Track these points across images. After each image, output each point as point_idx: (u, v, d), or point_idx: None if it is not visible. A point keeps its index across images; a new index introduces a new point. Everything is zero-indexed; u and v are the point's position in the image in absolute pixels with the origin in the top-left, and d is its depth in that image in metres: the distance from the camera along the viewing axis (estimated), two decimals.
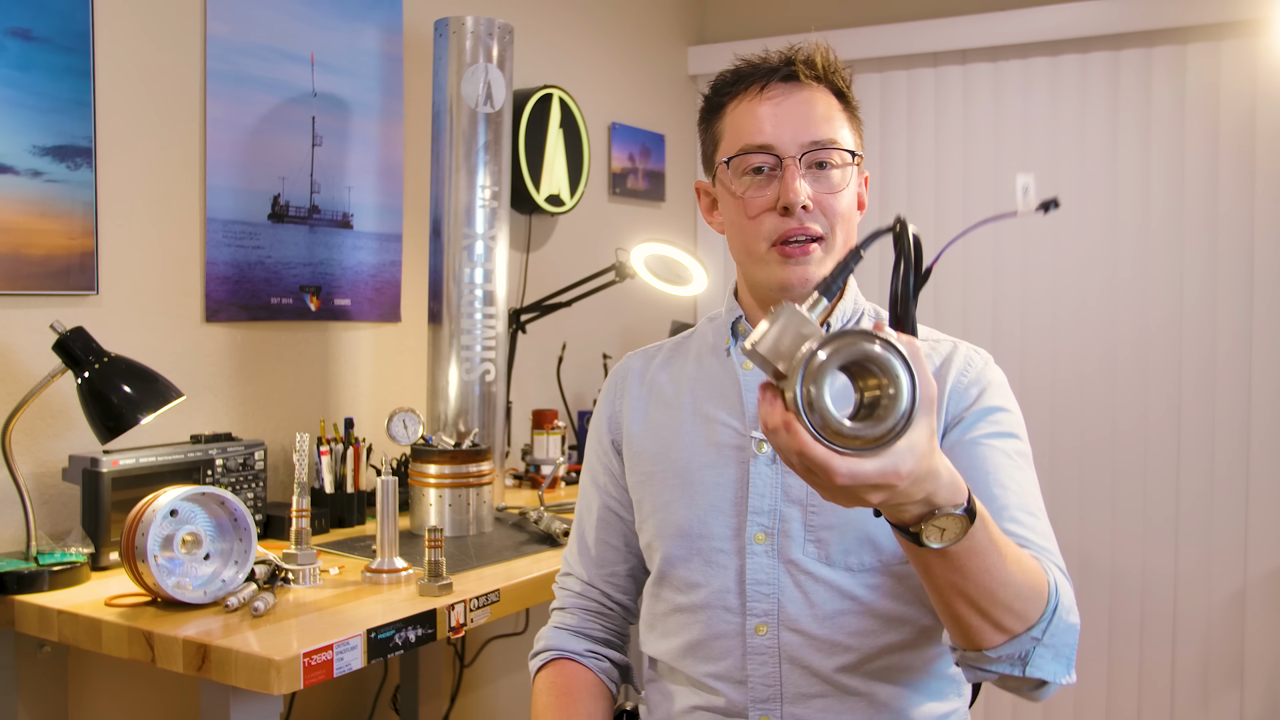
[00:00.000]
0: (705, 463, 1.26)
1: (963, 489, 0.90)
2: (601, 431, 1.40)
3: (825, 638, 1.19)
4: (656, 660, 1.33)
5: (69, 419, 1.80)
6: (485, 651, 2.66)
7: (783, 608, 1.20)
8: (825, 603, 1.19)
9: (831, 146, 1.20)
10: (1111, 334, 3.00)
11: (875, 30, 3.22)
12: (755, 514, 1.21)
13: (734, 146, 1.23)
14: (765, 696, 1.20)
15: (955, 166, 3.19)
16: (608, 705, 1.35)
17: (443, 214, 2.20)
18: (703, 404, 1.29)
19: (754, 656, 1.21)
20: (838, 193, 1.21)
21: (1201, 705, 2.93)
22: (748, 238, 1.23)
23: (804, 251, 1.19)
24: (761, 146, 1.20)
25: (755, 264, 1.24)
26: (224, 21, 2.04)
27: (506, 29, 2.22)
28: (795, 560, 1.20)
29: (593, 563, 1.41)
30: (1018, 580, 0.97)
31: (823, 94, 1.23)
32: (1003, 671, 1.01)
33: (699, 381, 1.31)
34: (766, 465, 1.22)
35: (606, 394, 1.41)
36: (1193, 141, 2.90)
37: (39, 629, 1.54)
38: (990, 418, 1.19)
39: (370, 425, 2.33)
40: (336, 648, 1.39)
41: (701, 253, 3.48)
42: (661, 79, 3.41)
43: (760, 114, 1.21)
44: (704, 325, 1.38)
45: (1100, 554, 3.01)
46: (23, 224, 1.75)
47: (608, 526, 1.39)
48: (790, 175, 1.18)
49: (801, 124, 1.20)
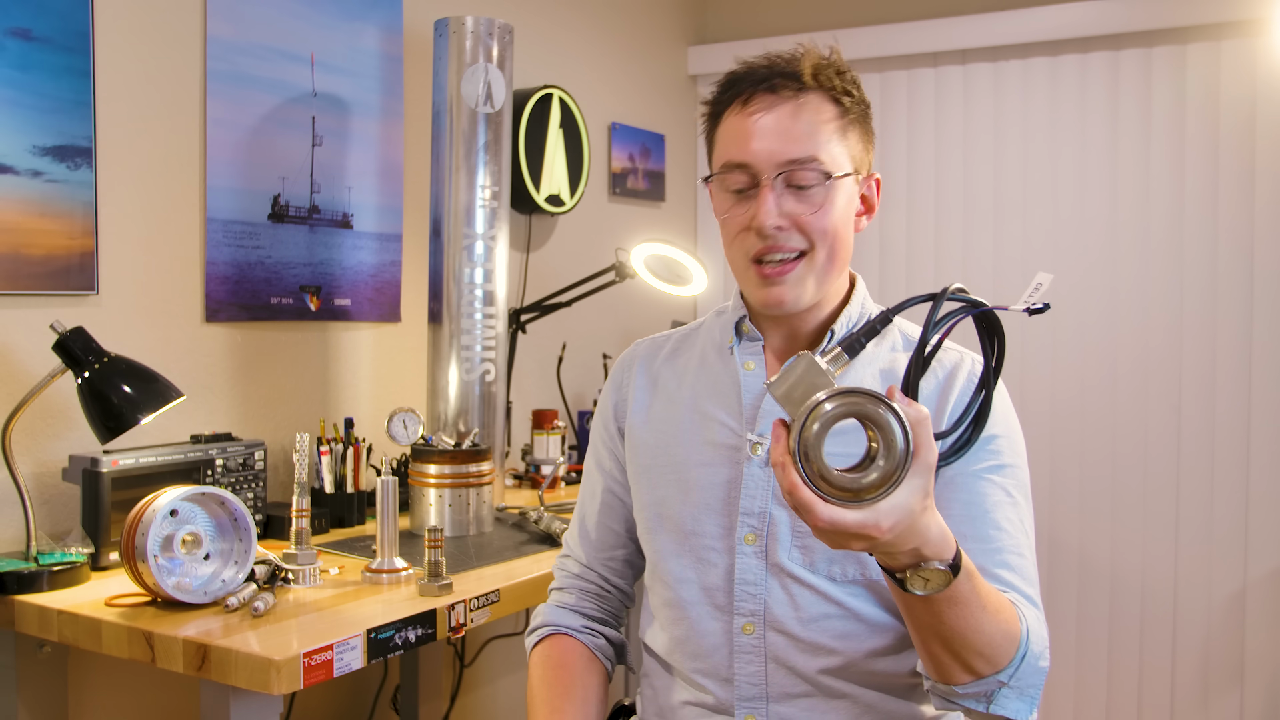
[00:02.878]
0: (701, 460, 1.26)
1: (951, 545, 0.96)
2: (607, 417, 1.40)
3: (810, 640, 1.20)
4: (652, 653, 1.34)
5: (69, 419, 1.80)
6: (485, 651, 2.66)
7: (769, 609, 1.21)
8: (809, 606, 1.20)
9: (809, 166, 1.17)
10: (1111, 334, 3.00)
11: (875, 30, 3.22)
12: (746, 515, 1.22)
13: (718, 162, 1.22)
14: (751, 695, 1.21)
15: (955, 167, 3.19)
16: (602, 680, 1.36)
17: (443, 214, 2.20)
18: (702, 401, 1.29)
19: (740, 655, 1.22)
20: (817, 211, 1.18)
21: (1201, 706, 2.93)
22: (732, 254, 1.23)
23: (780, 272, 1.18)
24: (740, 165, 1.18)
25: (740, 278, 1.25)
26: (224, 21, 2.04)
27: (506, 29, 2.22)
28: (781, 564, 1.21)
29: (592, 546, 1.41)
30: (991, 630, 1.02)
31: (811, 104, 1.18)
32: (968, 706, 1.07)
33: (701, 378, 1.31)
34: (760, 468, 1.22)
35: (613, 379, 1.41)
36: (1193, 141, 2.90)
37: (39, 629, 1.54)
38: (991, 446, 1.19)
39: (370, 425, 2.33)
40: (336, 648, 1.39)
41: (701, 253, 3.48)
42: (661, 79, 3.41)
43: (741, 129, 1.18)
44: (711, 319, 1.37)
45: (1100, 554, 3.01)
46: (23, 224, 1.74)
47: (609, 510, 1.39)
48: (763, 196, 1.17)
49: (780, 141, 1.16)
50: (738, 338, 1.29)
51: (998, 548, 1.15)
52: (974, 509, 1.16)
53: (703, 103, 1.28)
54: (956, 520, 1.16)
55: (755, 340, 1.28)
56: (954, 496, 1.17)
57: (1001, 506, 1.18)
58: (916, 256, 3.24)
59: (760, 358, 1.28)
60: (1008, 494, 1.19)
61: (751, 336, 1.28)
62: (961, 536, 1.15)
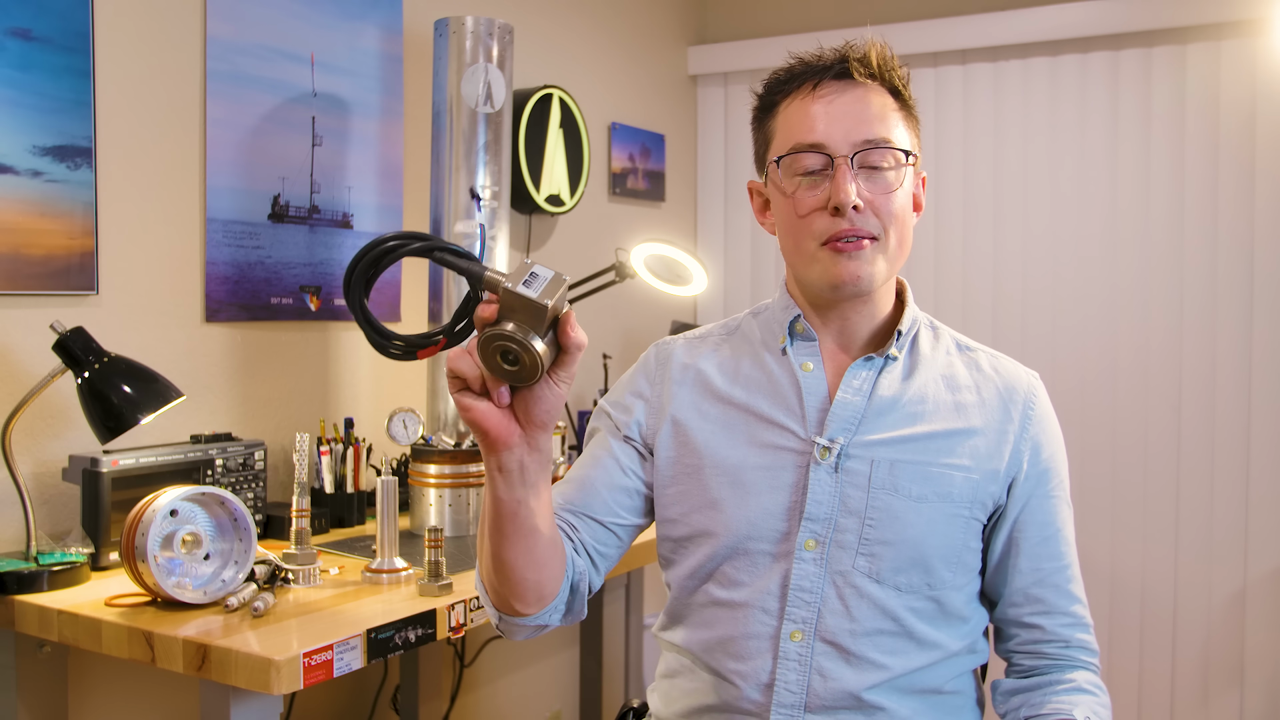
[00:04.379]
0: (760, 464, 1.23)
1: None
2: (629, 405, 1.31)
3: (859, 654, 1.19)
4: (682, 650, 1.29)
5: (69, 419, 1.80)
6: (485, 651, 2.66)
7: (822, 618, 1.19)
8: (865, 619, 1.19)
9: (885, 146, 1.19)
10: (1111, 334, 3.00)
11: (875, 30, 3.18)
12: (810, 520, 1.20)
13: (785, 145, 1.21)
14: (790, 703, 1.19)
15: (955, 166, 3.19)
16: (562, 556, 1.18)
17: (443, 214, 2.20)
18: (758, 403, 1.26)
19: (784, 662, 1.19)
20: (891, 193, 1.19)
21: (1201, 706, 2.93)
22: (799, 236, 1.21)
23: (857, 246, 1.18)
24: (813, 145, 1.18)
25: (805, 263, 1.22)
26: (224, 21, 2.04)
27: (506, 29, 2.22)
28: (844, 572, 1.19)
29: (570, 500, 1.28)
30: None
31: (877, 92, 1.21)
32: None
33: (754, 378, 1.28)
34: (828, 474, 1.21)
35: (645, 376, 1.34)
36: (1193, 141, 2.90)
37: (39, 629, 1.54)
38: (1052, 465, 1.29)
39: (370, 425, 2.34)
40: (336, 648, 1.39)
41: (701, 253, 3.48)
42: (661, 79, 3.41)
43: (812, 112, 1.19)
44: (748, 320, 1.35)
45: (1100, 555, 3.01)
46: (23, 224, 1.75)
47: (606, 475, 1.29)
48: (841, 175, 1.17)
49: (854, 122, 1.18)
50: (790, 338, 1.28)
51: (1068, 562, 1.28)
52: (1048, 529, 1.27)
53: (757, 94, 1.28)
54: (1033, 542, 1.26)
55: (810, 340, 1.27)
56: (1030, 520, 1.26)
57: (1068, 522, 1.29)
58: (916, 256, 3.24)
59: (817, 358, 1.26)
60: (1067, 505, 1.30)
61: (806, 336, 1.27)
62: (1038, 557, 1.25)
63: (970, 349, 1.32)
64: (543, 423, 1.00)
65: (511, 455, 1.01)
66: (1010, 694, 1.27)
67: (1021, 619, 1.27)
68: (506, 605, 1.15)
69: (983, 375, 1.28)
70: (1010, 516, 1.26)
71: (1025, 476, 1.25)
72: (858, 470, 1.21)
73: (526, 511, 1.06)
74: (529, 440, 1.01)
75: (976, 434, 1.24)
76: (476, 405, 0.97)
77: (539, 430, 1.00)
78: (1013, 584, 1.26)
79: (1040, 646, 1.26)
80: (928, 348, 1.29)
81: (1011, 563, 1.26)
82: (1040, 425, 1.28)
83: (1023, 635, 1.27)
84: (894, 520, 1.20)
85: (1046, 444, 1.28)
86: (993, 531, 1.27)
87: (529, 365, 0.93)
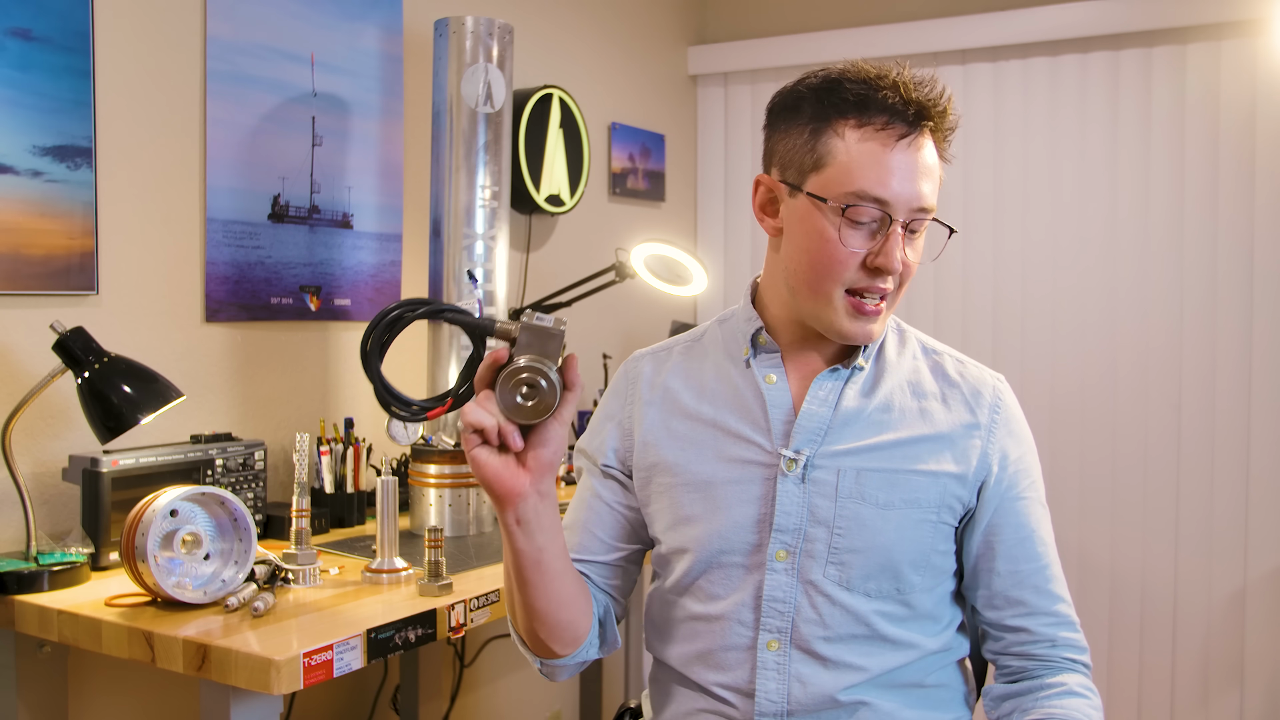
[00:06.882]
0: (729, 477, 1.24)
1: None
2: (607, 431, 1.34)
3: (834, 659, 1.21)
4: (666, 664, 1.32)
5: (69, 419, 1.80)
6: (485, 651, 2.66)
7: (796, 626, 1.21)
8: (838, 625, 1.21)
9: (929, 216, 1.20)
10: (1111, 334, 3.00)
11: (875, 30, 3.22)
12: (780, 531, 1.21)
13: (849, 186, 1.15)
14: (772, 711, 1.21)
15: (955, 166, 3.17)
16: (586, 592, 1.26)
17: (443, 214, 2.20)
18: (725, 418, 1.26)
19: (763, 671, 1.21)
20: (919, 257, 1.22)
21: (1201, 706, 2.93)
22: (822, 277, 1.18)
23: (877, 310, 1.20)
24: (878, 200, 1.16)
25: (820, 302, 1.20)
26: (224, 21, 2.04)
27: (506, 29, 2.22)
28: (814, 581, 1.21)
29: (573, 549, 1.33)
30: None
31: (931, 149, 1.19)
32: None
33: (719, 392, 1.28)
34: (795, 485, 1.21)
35: (616, 396, 1.36)
36: (1193, 141, 2.90)
37: (39, 629, 1.54)
38: (1022, 466, 1.28)
39: (370, 425, 2.34)
40: (336, 648, 1.39)
41: (701, 253, 3.48)
42: (661, 79, 3.41)
43: (889, 165, 1.15)
44: (714, 328, 1.35)
45: (1100, 554, 3.01)
46: (23, 224, 1.74)
47: (596, 518, 1.33)
48: (894, 241, 1.16)
49: (916, 186, 1.17)
50: (753, 349, 1.28)
51: (1046, 562, 1.27)
52: (1022, 530, 1.26)
53: (800, 93, 1.20)
54: (1009, 544, 1.25)
55: (773, 352, 1.27)
56: (1004, 523, 1.25)
57: (1042, 522, 1.29)
58: None
59: (780, 370, 1.26)
60: (1041, 506, 1.30)
61: (769, 348, 1.27)
62: (1015, 559, 1.25)
63: (936, 352, 1.32)
64: (550, 464, 1.06)
65: (526, 505, 1.08)
66: (1001, 699, 1.27)
67: (1005, 622, 1.27)
68: (545, 650, 1.23)
69: (948, 380, 1.28)
70: (983, 520, 1.26)
71: (995, 480, 1.25)
72: (825, 480, 1.22)
73: (549, 557, 1.13)
74: (538, 487, 1.07)
75: (943, 439, 1.24)
76: (492, 461, 1.04)
77: (546, 473, 1.07)
78: (992, 587, 1.26)
79: (1026, 648, 1.27)
80: (893, 354, 1.29)
81: (988, 565, 1.26)
82: (1007, 428, 1.27)
83: (1008, 638, 1.27)
84: (862, 528, 1.21)
85: (1014, 446, 1.27)
86: (966, 535, 1.27)
87: (548, 391, 1.01)
